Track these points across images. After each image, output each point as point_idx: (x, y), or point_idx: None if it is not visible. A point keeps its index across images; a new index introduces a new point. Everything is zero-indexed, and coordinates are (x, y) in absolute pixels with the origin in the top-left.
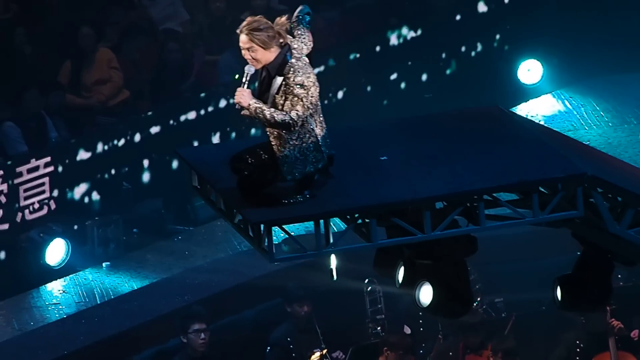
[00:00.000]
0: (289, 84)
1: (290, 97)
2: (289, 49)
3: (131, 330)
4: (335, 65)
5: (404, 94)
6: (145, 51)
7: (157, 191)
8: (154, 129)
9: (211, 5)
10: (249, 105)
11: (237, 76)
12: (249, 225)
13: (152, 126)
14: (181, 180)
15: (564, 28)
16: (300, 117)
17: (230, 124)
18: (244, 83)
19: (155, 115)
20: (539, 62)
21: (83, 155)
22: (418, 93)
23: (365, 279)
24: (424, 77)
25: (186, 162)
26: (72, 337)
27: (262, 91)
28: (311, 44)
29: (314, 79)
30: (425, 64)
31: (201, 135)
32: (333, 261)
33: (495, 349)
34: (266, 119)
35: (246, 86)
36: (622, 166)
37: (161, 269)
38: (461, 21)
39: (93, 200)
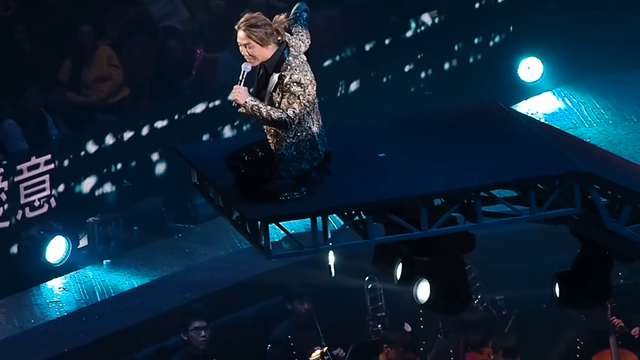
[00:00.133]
0: (286, 82)
1: (287, 95)
2: (286, 46)
3: (132, 328)
4: (336, 62)
5: (404, 92)
6: (145, 49)
7: (158, 189)
8: (154, 126)
9: (211, 3)
10: (246, 102)
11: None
12: (246, 222)
13: (152, 123)
14: (182, 178)
15: (564, 26)
16: (297, 115)
17: (231, 121)
18: (241, 80)
19: (156, 113)
20: (539, 59)
21: (83, 153)
22: (419, 91)
23: (366, 277)
24: (422, 75)
25: (185, 159)
26: (73, 335)
27: (259, 88)
28: (309, 41)
29: (311, 76)
30: (425, 62)
31: (201, 133)
32: (331, 258)
33: (496, 346)
34: (262, 117)
35: (242, 84)
36: (622, 163)
37: (162, 267)
38: (462, 19)
39: (93, 197)
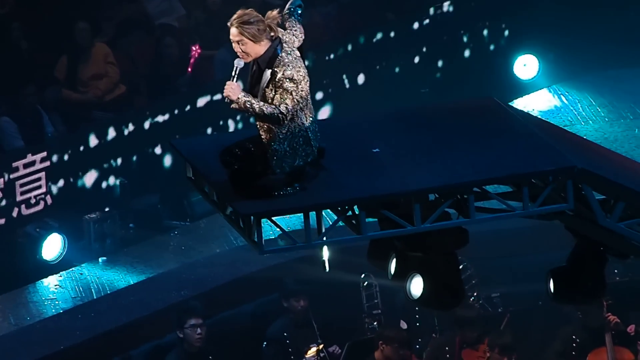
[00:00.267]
0: (279, 78)
1: (279, 91)
2: (279, 42)
3: (127, 325)
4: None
5: (399, 90)
6: (141, 46)
7: (154, 186)
8: (151, 124)
9: (207, 1)
10: (238, 98)
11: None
12: (239, 217)
13: (149, 120)
14: (178, 175)
15: (560, 23)
16: (289, 111)
17: (226, 118)
18: (234, 76)
19: (152, 110)
20: (535, 57)
21: (79, 150)
22: (414, 88)
23: (362, 274)
24: (418, 72)
25: (180, 154)
26: (69, 332)
27: (252, 84)
28: (302, 36)
29: (304, 72)
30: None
31: (198, 130)
32: (325, 253)
33: (492, 344)
34: (255, 113)
35: (235, 79)
36: (619, 160)
37: (157, 264)
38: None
39: (89, 195)
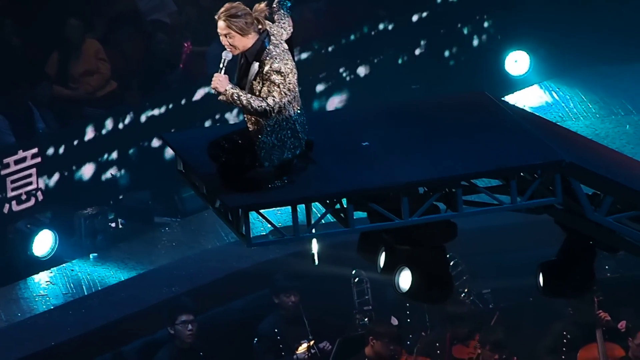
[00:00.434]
0: (266, 71)
1: (267, 84)
2: (267, 35)
3: (118, 322)
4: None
5: (390, 85)
6: (132, 42)
7: (145, 182)
8: (142, 119)
9: None
10: (226, 90)
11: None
12: (228, 210)
13: (140, 116)
14: (169, 171)
15: (551, 19)
16: (277, 104)
17: (218, 113)
18: (221, 69)
19: (144, 106)
20: (527, 53)
21: (70, 146)
22: (405, 84)
23: (353, 268)
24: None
25: (171, 147)
26: (60, 328)
27: (240, 77)
28: (291, 29)
29: (292, 65)
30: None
31: (190, 125)
32: (315, 246)
33: (483, 340)
34: (243, 105)
35: (223, 72)
36: (609, 154)
37: (148, 260)
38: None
39: (80, 191)
